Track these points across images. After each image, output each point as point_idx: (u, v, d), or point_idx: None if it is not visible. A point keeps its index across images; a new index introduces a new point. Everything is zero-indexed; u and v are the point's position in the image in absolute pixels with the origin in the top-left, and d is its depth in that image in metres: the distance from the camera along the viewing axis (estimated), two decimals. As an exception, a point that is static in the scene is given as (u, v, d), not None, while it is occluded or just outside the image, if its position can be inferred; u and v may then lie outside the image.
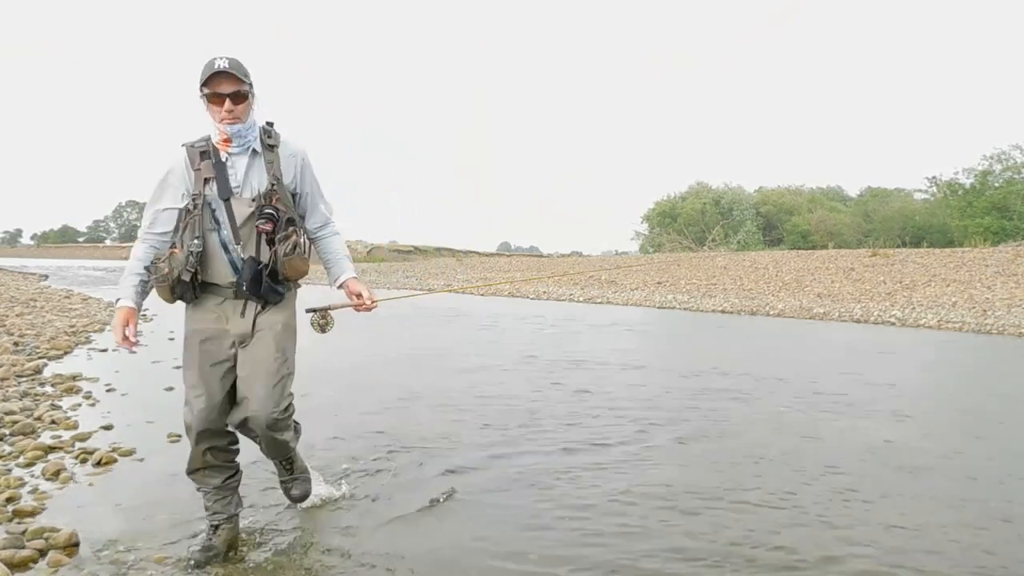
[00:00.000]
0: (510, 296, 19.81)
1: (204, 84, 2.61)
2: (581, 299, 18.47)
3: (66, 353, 7.60)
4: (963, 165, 45.44)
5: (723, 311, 15.36)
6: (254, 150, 2.70)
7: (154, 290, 2.63)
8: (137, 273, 2.64)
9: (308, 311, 2.82)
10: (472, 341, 9.72)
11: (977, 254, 19.87)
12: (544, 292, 20.00)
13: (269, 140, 2.75)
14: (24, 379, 5.85)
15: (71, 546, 2.70)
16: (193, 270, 2.60)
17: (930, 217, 34.97)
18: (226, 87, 2.60)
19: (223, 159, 2.67)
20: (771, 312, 14.77)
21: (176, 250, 2.62)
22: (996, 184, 30.62)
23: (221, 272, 2.67)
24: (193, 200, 2.64)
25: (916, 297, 14.77)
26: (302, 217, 2.86)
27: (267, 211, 2.64)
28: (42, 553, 2.64)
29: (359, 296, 2.86)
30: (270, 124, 2.80)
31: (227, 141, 2.66)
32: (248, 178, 2.68)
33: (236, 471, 2.81)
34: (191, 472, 2.73)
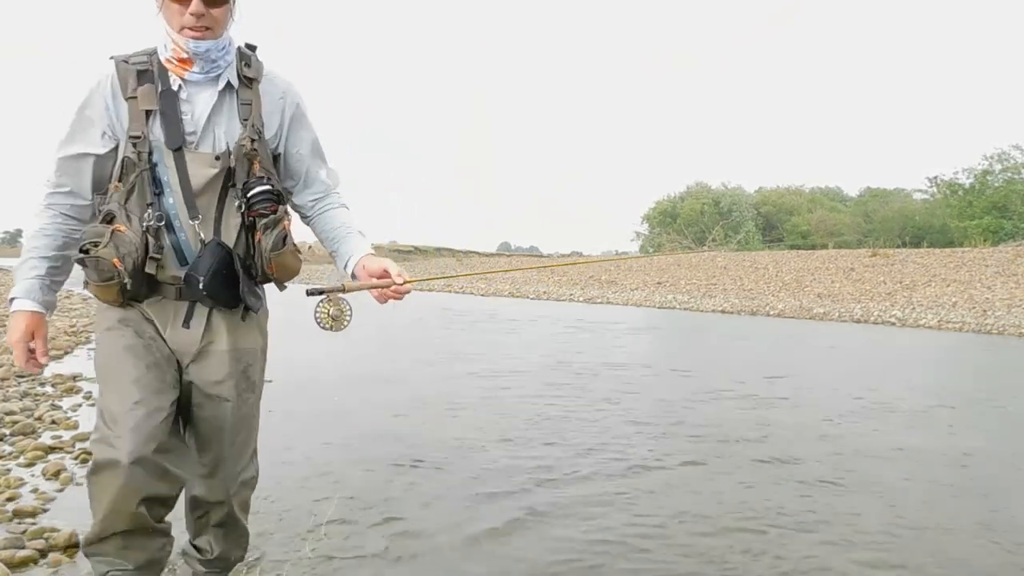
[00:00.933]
0: (510, 296, 19.81)
1: None
2: (581, 299, 18.48)
3: (66, 353, 7.60)
4: (963, 165, 45.53)
5: (723, 311, 15.36)
6: (229, 83, 1.82)
7: (86, 288, 1.75)
8: (42, 256, 1.79)
9: (311, 293, 1.84)
10: (482, 342, 9.71)
11: (977, 254, 19.88)
12: (544, 292, 20.01)
13: (248, 71, 1.85)
14: (24, 379, 5.85)
15: (71, 546, 2.69)
16: (158, 257, 1.75)
17: (930, 217, 35.06)
18: None
19: (174, 87, 1.77)
20: (771, 312, 14.77)
21: (122, 227, 1.71)
22: (996, 184, 30.66)
23: (165, 260, 1.80)
24: (134, 144, 1.73)
25: (916, 297, 14.78)
26: (288, 192, 2.00)
27: (263, 188, 1.80)
28: (42, 553, 2.63)
29: (383, 275, 1.88)
30: (251, 48, 1.90)
31: (186, 62, 1.76)
32: (212, 124, 1.80)
33: (169, 536, 1.91)
34: (97, 541, 1.76)
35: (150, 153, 1.74)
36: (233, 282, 1.82)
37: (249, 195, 1.81)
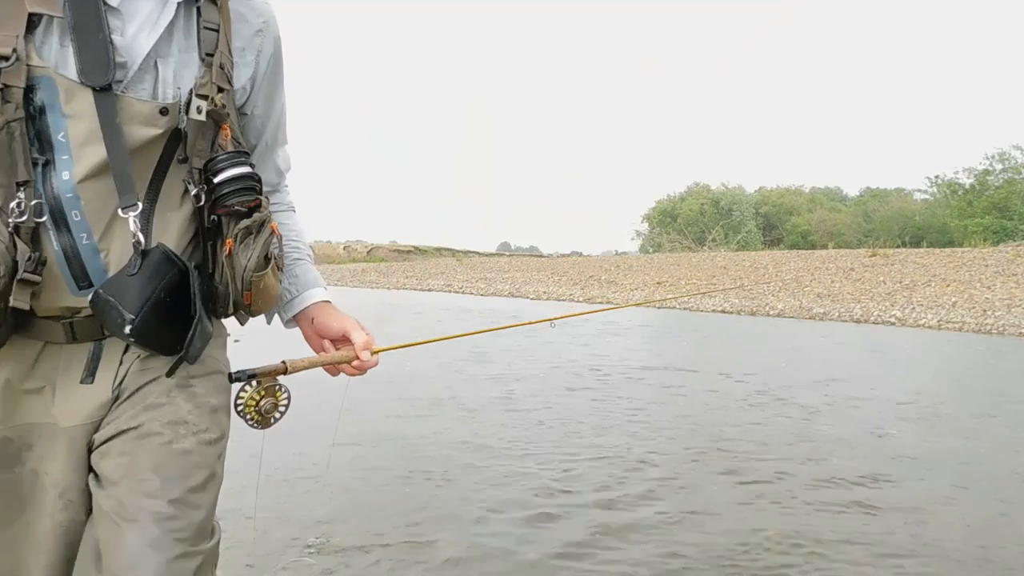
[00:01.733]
0: (510, 296, 19.80)
1: None
2: (581, 299, 18.46)
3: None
4: (963, 165, 45.59)
5: (723, 311, 15.34)
6: None
7: None
8: None
9: (236, 379, 1.21)
10: (493, 343, 9.69)
11: (977, 254, 19.85)
12: (544, 292, 19.99)
13: None
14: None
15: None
16: (35, 279, 1.00)
17: (930, 217, 35.08)
18: None
19: None
20: (771, 312, 14.76)
21: None
22: (996, 184, 30.68)
23: (45, 280, 1.03)
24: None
25: (916, 297, 14.76)
26: None
27: (240, 170, 1.12)
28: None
29: (341, 340, 1.31)
30: None
31: None
32: (155, 55, 1.07)
33: None
34: None
35: (31, 91, 0.98)
36: (177, 318, 1.06)
37: (218, 180, 1.11)
